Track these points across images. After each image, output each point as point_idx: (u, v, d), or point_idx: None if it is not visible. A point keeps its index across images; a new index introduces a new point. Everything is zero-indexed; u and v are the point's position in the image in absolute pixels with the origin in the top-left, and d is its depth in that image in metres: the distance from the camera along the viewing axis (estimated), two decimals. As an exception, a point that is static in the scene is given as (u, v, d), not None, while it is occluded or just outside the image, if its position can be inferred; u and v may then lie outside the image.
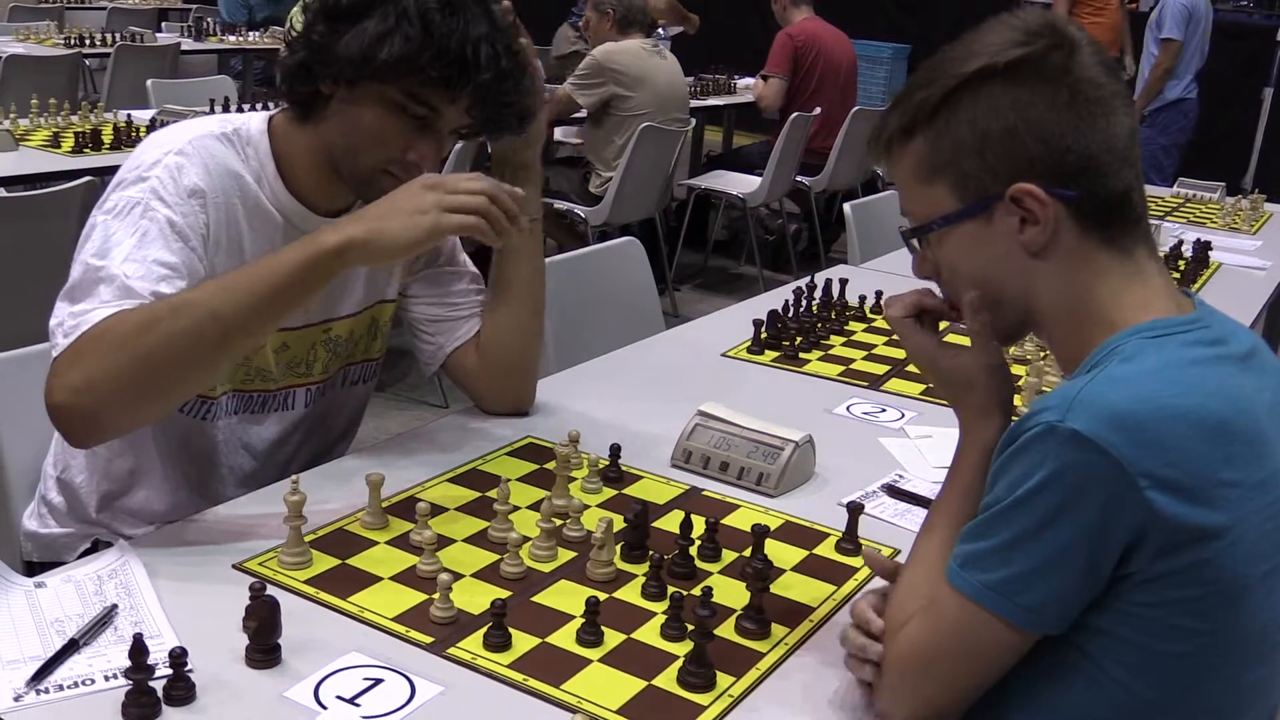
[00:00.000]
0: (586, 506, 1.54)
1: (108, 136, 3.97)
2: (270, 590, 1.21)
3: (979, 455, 1.23)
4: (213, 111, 4.35)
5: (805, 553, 1.50)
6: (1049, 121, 1.13)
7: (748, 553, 1.44)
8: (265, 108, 1.67)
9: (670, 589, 1.34)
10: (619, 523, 1.46)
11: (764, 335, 2.29)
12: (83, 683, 1.14)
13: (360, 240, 1.41)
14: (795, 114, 5.80)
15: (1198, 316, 1.16)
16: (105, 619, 1.24)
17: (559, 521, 1.48)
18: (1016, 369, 2.24)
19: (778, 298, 2.50)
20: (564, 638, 1.27)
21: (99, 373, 1.35)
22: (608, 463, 1.66)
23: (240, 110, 4.31)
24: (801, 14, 6.32)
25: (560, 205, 5.05)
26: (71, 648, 1.18)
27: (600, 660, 1.24)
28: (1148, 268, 1.18)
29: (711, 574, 1.43)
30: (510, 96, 1.58)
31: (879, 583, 1.45)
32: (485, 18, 1.54)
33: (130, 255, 1.45)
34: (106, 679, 1.15)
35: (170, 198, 1.50)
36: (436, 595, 1.29)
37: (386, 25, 1.48)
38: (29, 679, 1.14)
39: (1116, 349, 1.12)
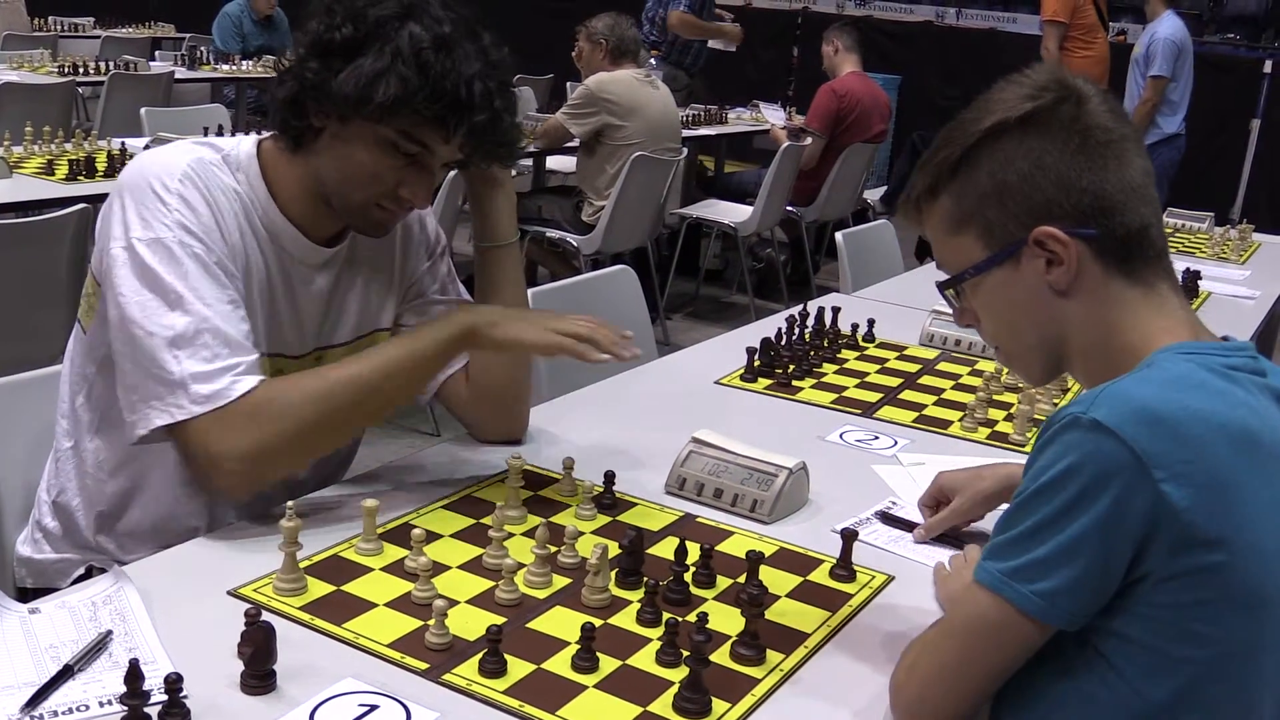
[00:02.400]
0: (581, 533, 1.54)
1: (101, 164, 3.98)
2: (265, 616, 1.21)
3: None
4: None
5: (799, 579, 1.50)
6: (1063, 166, 1.20)
7: (742, 579, 1.44)
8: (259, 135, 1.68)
9: (665, 615, 1.35)
10: (614, 549, 1.46)
11: (757, 363, 2.30)
12: (78, 709, 1.14)
13: (495, 319, 1.65)
14: (787, 145, 5.84)
15: (1237, 345, 1.21)
16: (100, 645, 1.23)
17: (554, 548, 1.48)
18: (1009, 396, 2.25)
19: (769, 326, 2.51)
20: (559, 664, 1.27)
21: (271, 440, 1.49)
22: (602, 489, 1.67)
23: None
24: (849, 66, 6.33)
25: (553, 234, 5.06)
26: (66, 674, 1.18)
27: (595, 686, 1.24)
28: (1170, 300, 1.24)
29: (706, 600, 1.43)
30: (504, 134, 1.59)
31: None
32: (478, 54, 1.54)
33: (205, 298, 1.50)
34: (101, 705, 1.14)
35: (197, 229, 1.52)
36: (432, 621, 1.29)
37: (381, 64, 1.48)
38: (23, 705, 1.13)
39: (1149, 363, 1.16)
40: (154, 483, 1.66)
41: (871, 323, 2.63)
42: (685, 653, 1.24)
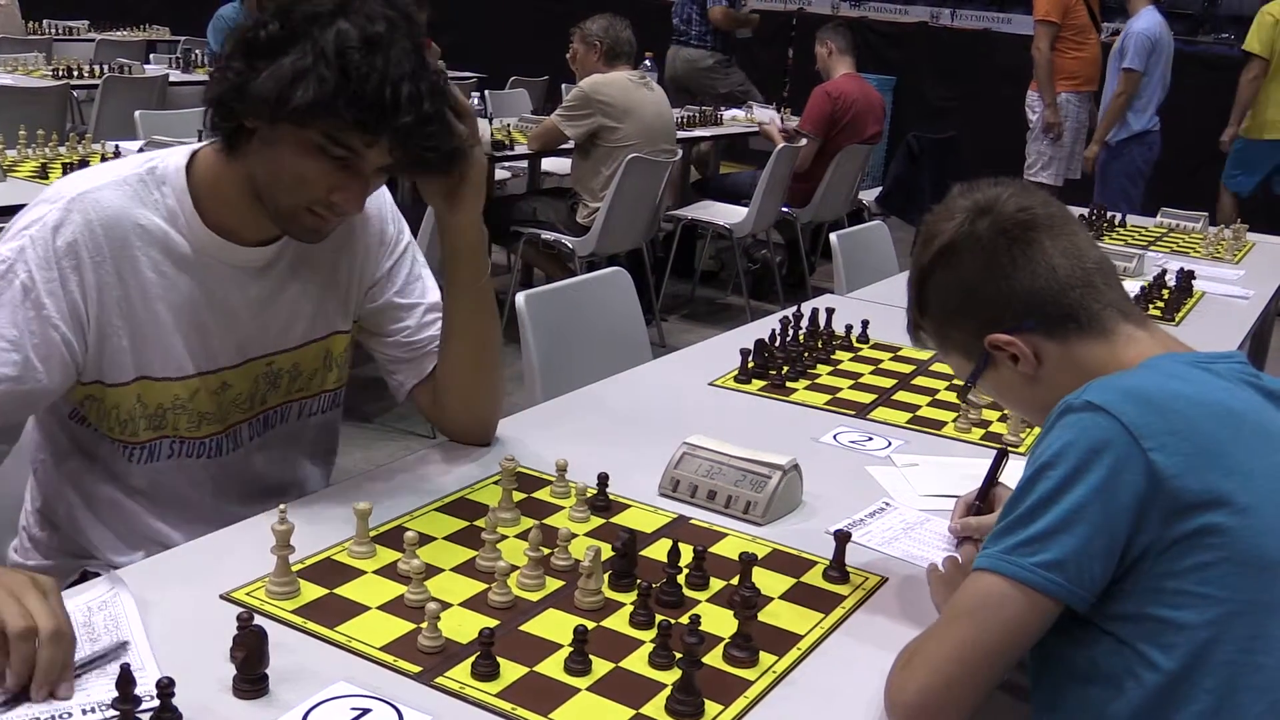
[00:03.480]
0: (574, 535, 1.54)
1: (95, 167, 3.96)
2: (258, 620, 1.21)
3: None
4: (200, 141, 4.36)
5: (793, 581, 1.50)
6: (985, 283, 1.36)
7: (735, 581, 1.44)
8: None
9: (658, 617, 1.35)
10: (607, 551, 1.46)
11: (751, 365, 2.30)
12: (60, 717, 1.12)
13: None
14: (782, 146, 5.83)
15: (1226, 354, 1.29)
16: (114, 654, 1.22)
17: (547, 551, 1.48)
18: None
19: (764, 327, 2.51)
20: (552, 666, 1.27)
21: None
22: (595, 491, 1.67)
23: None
24: (843, 67, 6.33)
25: (547, 235, 5.06)
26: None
27: (588, 689, 1.24)
28: (1136, 334, 1.34)
29: (699, 602, 1.43)
30: (433, 140, 1.52)
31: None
32: (411, 56, 1.47)
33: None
34: (85, 713, 1.13)
35: (35, 259, 1.49)
36: (424, 624, 1.29)
37: (303, 65, 1.42)
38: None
39: (1142, 365, 1.27)
40: (132, 494, 1.66)
41: (866, 324, 2.63)
42: (678, 655, 1.24)
